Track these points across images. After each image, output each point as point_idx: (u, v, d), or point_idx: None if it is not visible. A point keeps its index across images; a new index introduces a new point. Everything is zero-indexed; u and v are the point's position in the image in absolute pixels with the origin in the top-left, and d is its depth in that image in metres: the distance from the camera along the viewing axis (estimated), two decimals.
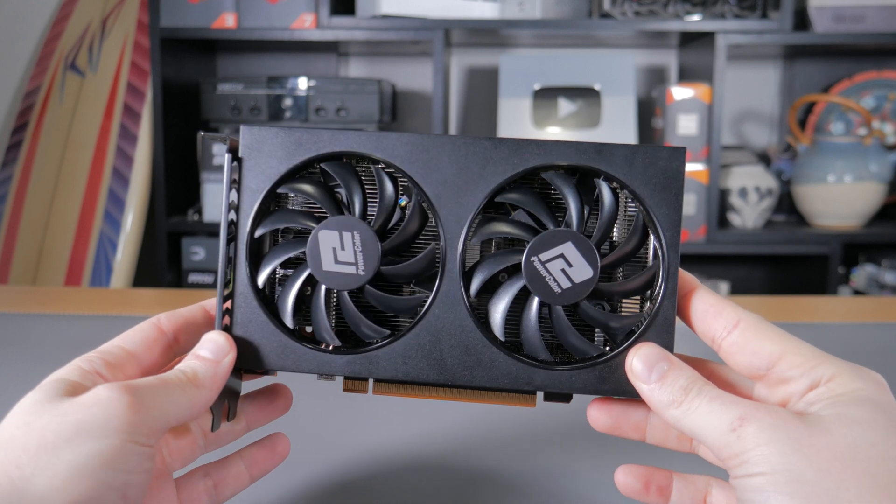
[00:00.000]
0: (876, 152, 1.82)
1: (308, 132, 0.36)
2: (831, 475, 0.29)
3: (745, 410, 0.31)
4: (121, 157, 1.86)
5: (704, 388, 0.33)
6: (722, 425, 0.31)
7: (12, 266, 1.89)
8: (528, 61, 1.93)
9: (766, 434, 0.30)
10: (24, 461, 0.29)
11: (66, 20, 1.99)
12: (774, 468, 0.29)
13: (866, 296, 1.80)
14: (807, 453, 0.30)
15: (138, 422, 0.31)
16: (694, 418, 0.32)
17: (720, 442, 0.31)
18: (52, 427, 0.30)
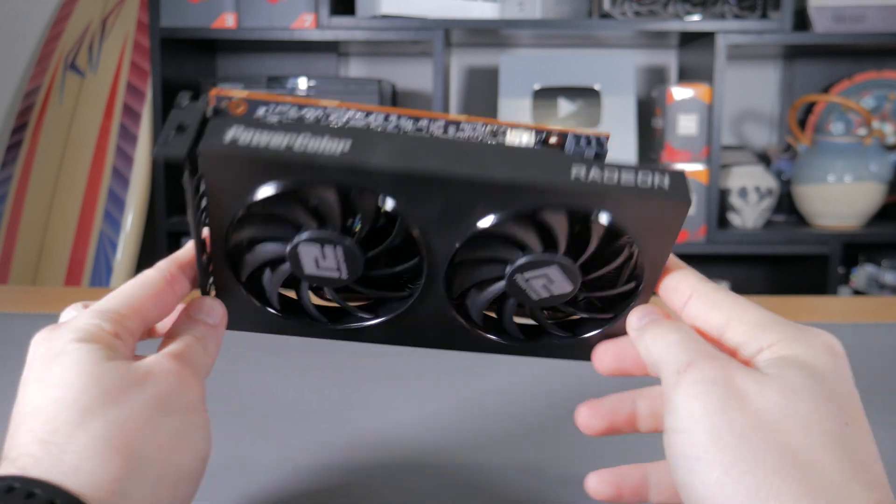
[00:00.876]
0: (876, 152, 1.82)
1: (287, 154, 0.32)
2: (751, 443, 0.28)
3: (695, 358, 0.31)
4: (121, 157, 1.86)
5: (682, 325, 0.33)
6: (675, 363, 0.31)
7: (12, 266, 1.89)
8: (528, 61, 1.93)
9: (701, 386, 0.29)
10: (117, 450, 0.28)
11: (66, 20, 1.99)
12: (696, 427, 0.29)
13: (866, 296, 1.80)
14: (733, 417, 0.28)
15: (200, 389, 0.32)
16: (657, 347, 0.32)
17: (667, 381, 0.31)
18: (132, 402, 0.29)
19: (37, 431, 0.28)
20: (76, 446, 0.27)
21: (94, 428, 0.28)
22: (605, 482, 0.36)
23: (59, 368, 0.30)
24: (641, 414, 0.36)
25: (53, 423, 0.28)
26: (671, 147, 1.79)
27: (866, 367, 0.68)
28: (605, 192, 0.31)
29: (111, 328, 0.31)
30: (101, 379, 0.29)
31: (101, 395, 0.29)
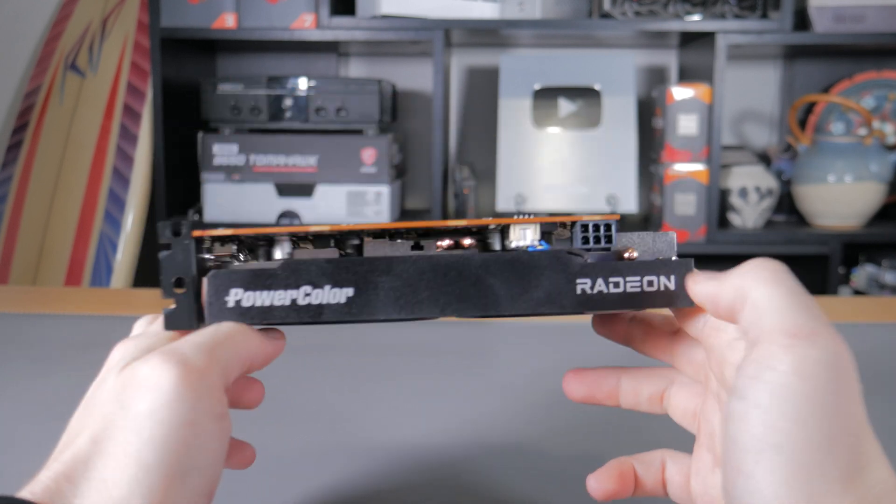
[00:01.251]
0: (876, 152, 1.82)
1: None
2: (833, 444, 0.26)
3: (822, 329, 0.28)
4: (121, 157, 1.86)
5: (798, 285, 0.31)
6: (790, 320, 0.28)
7: (12, 266, 1.89)
8: (528, 61, 1.93)
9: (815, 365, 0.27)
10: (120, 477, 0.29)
11: (67, 20, 1.99)
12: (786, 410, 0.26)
13: (866, 296, 1.80)
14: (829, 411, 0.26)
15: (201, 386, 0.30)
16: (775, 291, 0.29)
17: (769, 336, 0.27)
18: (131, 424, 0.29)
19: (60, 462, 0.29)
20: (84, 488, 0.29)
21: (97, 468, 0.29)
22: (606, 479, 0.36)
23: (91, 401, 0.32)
24: (624, 391, 0.37)
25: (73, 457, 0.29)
26: (671, 147, 1.79)
27: (866, 367, 0.68)
28: (612, 304, 0.32)
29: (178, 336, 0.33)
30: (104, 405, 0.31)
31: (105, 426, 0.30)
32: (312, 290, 0.32)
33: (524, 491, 0.45)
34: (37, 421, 0.55)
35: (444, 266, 0.32)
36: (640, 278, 0.33)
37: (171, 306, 0.33)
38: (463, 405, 0.58)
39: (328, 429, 0.53)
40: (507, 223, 0.34)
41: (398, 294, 0.32)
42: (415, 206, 2.16)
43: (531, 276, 0.32)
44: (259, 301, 0.32)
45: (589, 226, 0.34)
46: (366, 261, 0.32)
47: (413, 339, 0.73)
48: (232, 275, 0.32)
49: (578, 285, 0.33)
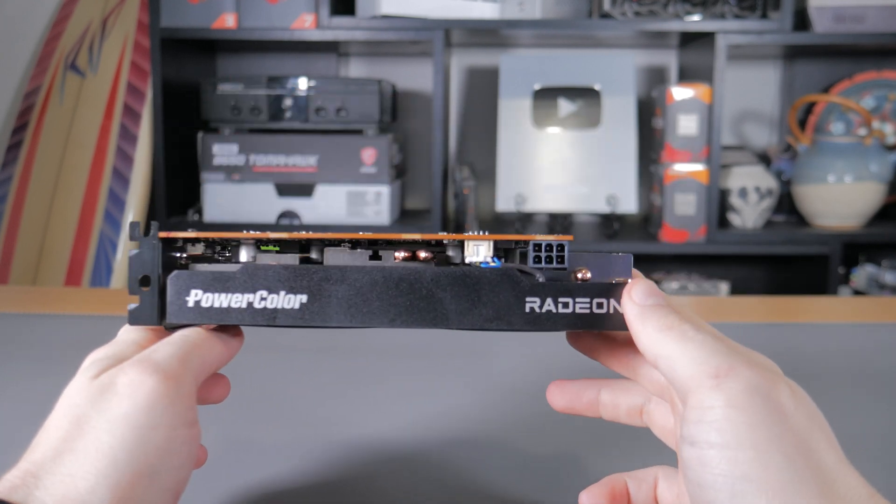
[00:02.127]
0: (876, 152, 1.82)
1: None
2: (796, 464, 0.27)
3: (738, 362, 0.28)
4: (121, 157, 1.86)
5: (704, 327, 0.31)
6: (708, 365, 0.28)
7: (12, 266, 1.89)
8: (528, 61, 1.93)
9: (745, 397, 0.27)
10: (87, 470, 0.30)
11: (67, 20, 1.99)
12: (740, 442, 0.27)
13: (866, 296, 1.80)
14: (777, 433, 0.27)
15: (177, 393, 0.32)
16: (680, 347, 0.29)
17: (694, 382, 0.28)
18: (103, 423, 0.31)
19: (27, 459, 0.31)
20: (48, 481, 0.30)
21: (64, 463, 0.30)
22: (598, 496, 0.36)
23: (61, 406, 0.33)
24: (604, 403, 0.37)
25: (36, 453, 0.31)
26: (671, 147, 1.79)
27: (866, 367, 0.68)
28: (561, 324, 0.33)
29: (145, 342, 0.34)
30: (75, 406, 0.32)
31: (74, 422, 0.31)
32: (268, 294, 0.34)
33: (510, 487, 0.45)
34: (37, 421, 0.54)
35: (396, 278, 0.33)
36: (590, 300, 0.33)
37: (135, 303, 0.34)
38: (451, 404, 0.58)
39: (317, 426, 0.53)
40: (460, 238, 0.35)
41: (350, 303, 0.33)
42: (415, 206, 2.16)
43: (481, 292, 0.33)
44: (217, 302, 0.34)
45: (542, 245, 0.34)
46: (320, 269, 0.34)
47: (402, 342, 0.73)
48: (193, 276, 0.34)
49: (527, 304, 0.33)
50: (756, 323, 0.80)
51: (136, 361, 0.32)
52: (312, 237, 0.35)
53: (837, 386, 0.62)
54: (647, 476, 0.36)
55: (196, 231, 0.36)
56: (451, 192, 2.00)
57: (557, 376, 0.39)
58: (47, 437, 0.31)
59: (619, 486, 0.36)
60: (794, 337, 0.76)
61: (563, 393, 0.38)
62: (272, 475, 0.46)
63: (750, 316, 0.84)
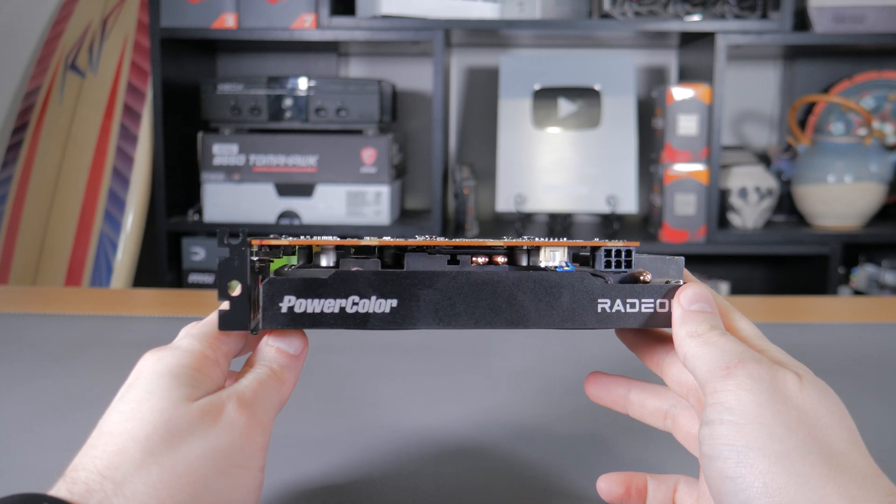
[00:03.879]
0: (876, 152, 1.82)
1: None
2: (798, 435, 0.30)
3: (747, 356, 0.32)
4: (121, 157, 1.86)
5: (726, 334, 0.34)
6: (720, 361, 0.32)
7: (12, 266, 1.89)
8: (528, 61, 1.93)
9: (751, 381, 0.31)
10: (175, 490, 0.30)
11: (67, 20, 1.99)
12: (747, 418, 0.30)
13: (866, 296, 1.80)
14: (780, 410, 0.31)
15: (263, 443, 0.33)
16: (703, 350, 0.33)
17: (709, 375, 0.32)
18: (199, 450, 0.31)
19: (99, 460, 0.30)
20: (129, 490, 0.29)
21: (150, 475, 0.30)
22: (615, 483, 0.39)
23: (139, 398, 0.32)
24: (632, 402, 0.40)
25: (117, 459, 0.30)
26: (671, 147, 1.79)
27: (866, 367, 0.68)
28: (628, 322, 0.36)
29: (211, 353, 0.34)
30: (170, 422, 0.31)
31: (167, 439, 0.30)
32: (360, 299, 0.35)
33: (534, 467, 0.45)
34: (37, 421, 0.55)
35: (480, 282, 0.35)
36: (654, 300, 0.36)
37: (225, 307, 0.35)
38: (475, 392, 0.58)
39: (350, 415, 0.53)
40: (538, 245, 0.37)
41: (437, 306, 0.35)
42: (415, 206, 2.16)
43: (557, 294, 0.36)
44: (310, 308, 0.34)
45: (612, 251, 0.37)
46: (410, 275, 0.35)
47: (419, 339, 0.73)
48: (286, 282, 0.34)
49: (599, 304, 0.36)
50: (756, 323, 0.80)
51: (238, 401, 0.33)
52: (395, 244, 0.36)
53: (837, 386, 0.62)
54: (668, 480, 0.39)
55: (288, 238, 0.36)
56: (451, 192, 2.00)
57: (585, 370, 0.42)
58: (128, 441, 0.30)
59: (639, 481, 0.39)
60: (794, 337, 0.76)
61: (596, 384, 0.41)
62: (305, 459, 0.46)
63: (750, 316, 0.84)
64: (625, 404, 0.40)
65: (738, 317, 0.38)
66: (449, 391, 0.61)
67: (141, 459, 0.30)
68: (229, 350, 0.36)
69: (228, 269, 0.35)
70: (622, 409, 0.41)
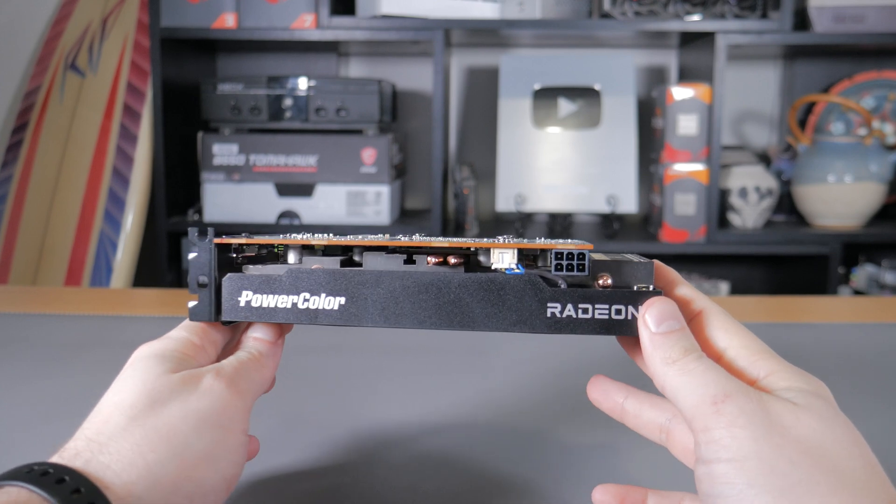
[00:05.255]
0: (876, 152, 1.82)
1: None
2: (802, 468, 0.29)
3: (732, 389, 0.31)
4: (121, 157, 1.86)
5: (703, 357, 0.33)
6: (705, 395, 0.31)
7: (12, 266, 1.89)
8: (528, 61, 1.93)
9: (744, 416, 0.30)
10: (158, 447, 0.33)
11: (66, 20, 1.99)
12: (745, 454, 0.29)
13: (866, 296, 1.80)
14: (779, 443, 0.29)
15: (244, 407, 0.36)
16: (682, 380, 0.32)
17: (698, 411, 0.31)
18: (179, 412, 0.34)
19: (88, 430, 0.33)
20: (113, 448, 0.32)
21: (133, 435, 0.33)
22: (610, 494, 0.38)
23: (126, 377, 0.36)
24: (628, 411, 0.39)
25: (103, 426, 0.33)
26: (671, 147, 1.79)
27: (866, 367, 0.68)
28: (581, 329, 0.35)
29: (197, 341, 0.38)
30: (153, 391, 0.34)
31: (149, 404, 0.34)
32: (310, 296, 0.37)
33: (534, 467, 0.45)
34: (37, 421, 0.55)
35: (427, 283, 0.36)
36: (609, 307, 0.35)
37: (194, 301, 0.38)
38: (475, 392, 0.58)
39: (350, 415, 0.53)
40: (486, 247, 0.37)
41: (384, 306, 0.36)
42: (415, 206, 2.16)
43: (505, 297, 0.35)
44: (265, 303, 0.37)
45: (563, 253, 0.35)
46: (357, 273, 0.36)
47: (418, 340, 0.73)
48: (244, 278, 0.37)
49: (549, 309, 0.35)
50: (756, 323, 0.80)
51: (216, 372, 0.36)
52: (353, 244, 0.38)
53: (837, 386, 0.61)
54: (671, 496, 0.37)
55: (247, 237, 0.39)
56: (451, 192, 2.00)
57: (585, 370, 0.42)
58: (113, 410, 0.34)
59: (637, 495, 0.38)
60: (794, 337, 0.76)
61: (597, 389, 0.40)
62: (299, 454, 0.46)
63: (750, 316, 0.84)
64: (621, 413, 0.39)
65: (718, 324, 0.35)
66: (448, 391, 0.61)
67: (125, 424, 0.33)
68: (216, 339, 0.39)
69: (197, 265, 0.38)
70: (619, 417, 0.39)
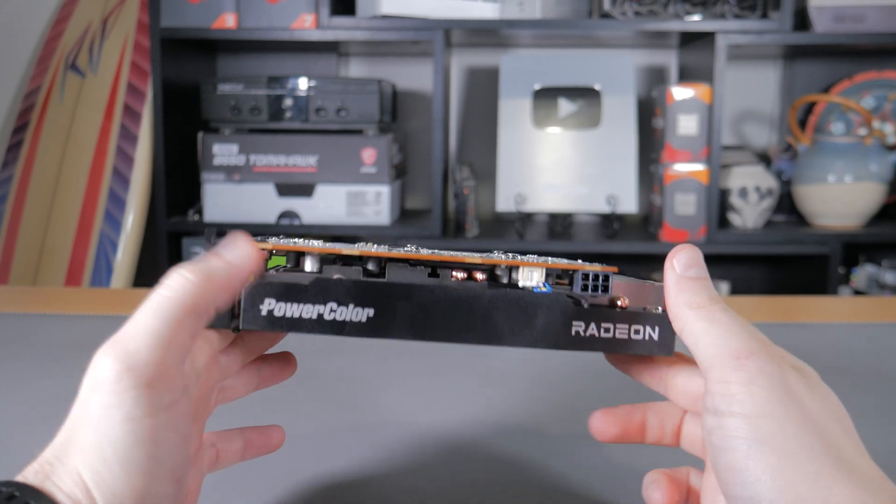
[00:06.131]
0: (876, 152, 1.82)
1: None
2: (808, 435, 0.30)
3: (757, 347, 0.31)
4: (121, 157, 1.86)
5: (728, 310, 0.33)
6: (729, 347, 0.31)
7: (12, 266, 1.89)
8: (528, 61, 1.93)
9: (764, 377, 0.30)
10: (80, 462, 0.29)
11: (67, 20, 1.99)
12: (759, 412, 0.30)
13: (866, 296, 1.80)
14: (793, 409, 0.30)
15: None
16: (705, 326, 0.32)
17: (717, 360, 0.31)
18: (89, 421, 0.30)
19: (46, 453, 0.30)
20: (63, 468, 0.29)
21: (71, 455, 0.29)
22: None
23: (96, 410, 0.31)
24: (650, 425, 0.38)
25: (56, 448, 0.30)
26: (671, 147, 1.79)
27: (866, 367, 0.68)
28: (601, 346, 0.36)
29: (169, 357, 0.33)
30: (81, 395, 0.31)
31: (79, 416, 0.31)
32: (337, 307, 0.35)
33: (533, 467, 0.45)
34: (37, 421, 0.55)
35: (457, 298, 0.35)
36: (629, 326, 0.36)
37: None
38: (475, 392, 0.58)
39: (350, 416, 0.53)
40: (519, 265, 0.37)
41: (413, 319, 0.35)
42: (415, 206, 2.16)
43: (533, 315, 0.36)
44: (289, 312, 0.35)
45: (589, 275, 0.36)
46: (388, 286, 0.35)
47: None
48: (267, 286, 0.35)
49: (574, 327, 0.36)
50: (756, 323, 0.80)
51: (108, 349, 0.30)
52: (376, 255, 0.37)
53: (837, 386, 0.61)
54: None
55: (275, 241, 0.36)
56: (451, 192, 2.00)
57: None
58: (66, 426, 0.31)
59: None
60: (794, 337, 0.76)
61: (612, 422, 0.37)
62: (301, 456, 0.46)
63: (750, 316, 0.84)
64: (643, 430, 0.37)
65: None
66: (448, 391, 0.61)
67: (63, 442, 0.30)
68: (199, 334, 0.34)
69: None
70: (641, 437, 0.38)
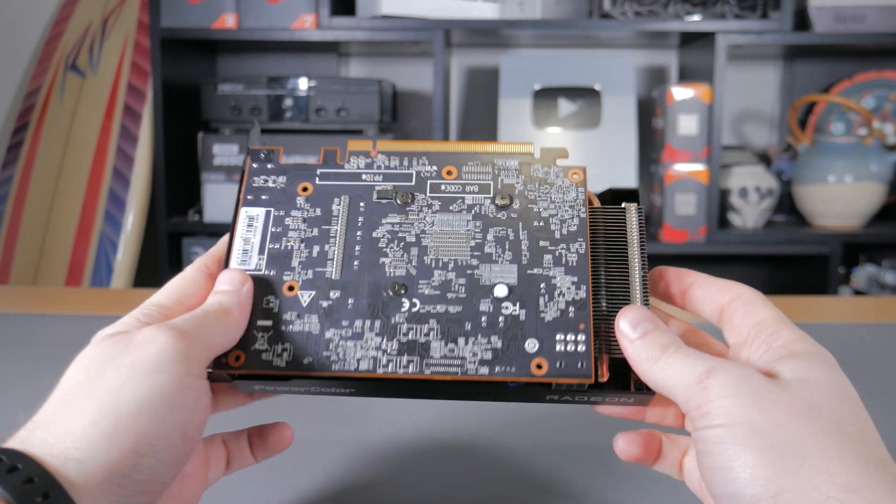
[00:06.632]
0: (876, 152, 1.82)
1: None
2: (788, 429, 0.30)
3: (713, 365, 0.32)
4: (121, 157, 1.86)
5: (681, 347, 0.34)
6: (691, 377, 0.32)
7: (12, 266, 1.89)
8: (528, 61, 1.93)
9: (729, 387, 0.31)
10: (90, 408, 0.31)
11: (67, 20, 1.99)
12: (734, 420, 0.31)
13: (866, 296, 1.80)
14: (766, 407, 0.31)
15: (188, 351, 0.33)
16: (668, 373, 0.33)
17: (687, 394, 0.32)
18: (111, 370, 0.32)
19: (34, 417, 0.32)
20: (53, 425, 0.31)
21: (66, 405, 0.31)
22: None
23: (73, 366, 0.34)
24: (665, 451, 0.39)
25: (43, 409, 0.32)
26: (671, 147, 1.79)
27: (866, 367, 0.68)
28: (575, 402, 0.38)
29: (147, 320, 0.35)
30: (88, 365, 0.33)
31: (87, 375, 0.32)
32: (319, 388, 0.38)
33: (533, 467, 0.45)
34: None
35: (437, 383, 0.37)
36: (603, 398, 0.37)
37: None
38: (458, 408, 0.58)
39: (350, 416, 0.53)
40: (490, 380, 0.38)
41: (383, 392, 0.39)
42: None
43: (510, 395, 0.38)
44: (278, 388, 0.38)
45: (563, 387, 0.37)
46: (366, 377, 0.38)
47: None
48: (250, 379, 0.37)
49: (548, 399, 0.38)
50: None
51: (161, 325, 0.33)
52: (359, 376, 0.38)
53: None
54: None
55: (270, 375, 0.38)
56: None
57: None
58: (56, 391, 0.32)
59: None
60: None
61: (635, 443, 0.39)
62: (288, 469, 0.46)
63: None
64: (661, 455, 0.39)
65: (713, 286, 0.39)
66: None
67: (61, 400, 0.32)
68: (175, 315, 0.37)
69: None
70: (655, 459, 0.39)
